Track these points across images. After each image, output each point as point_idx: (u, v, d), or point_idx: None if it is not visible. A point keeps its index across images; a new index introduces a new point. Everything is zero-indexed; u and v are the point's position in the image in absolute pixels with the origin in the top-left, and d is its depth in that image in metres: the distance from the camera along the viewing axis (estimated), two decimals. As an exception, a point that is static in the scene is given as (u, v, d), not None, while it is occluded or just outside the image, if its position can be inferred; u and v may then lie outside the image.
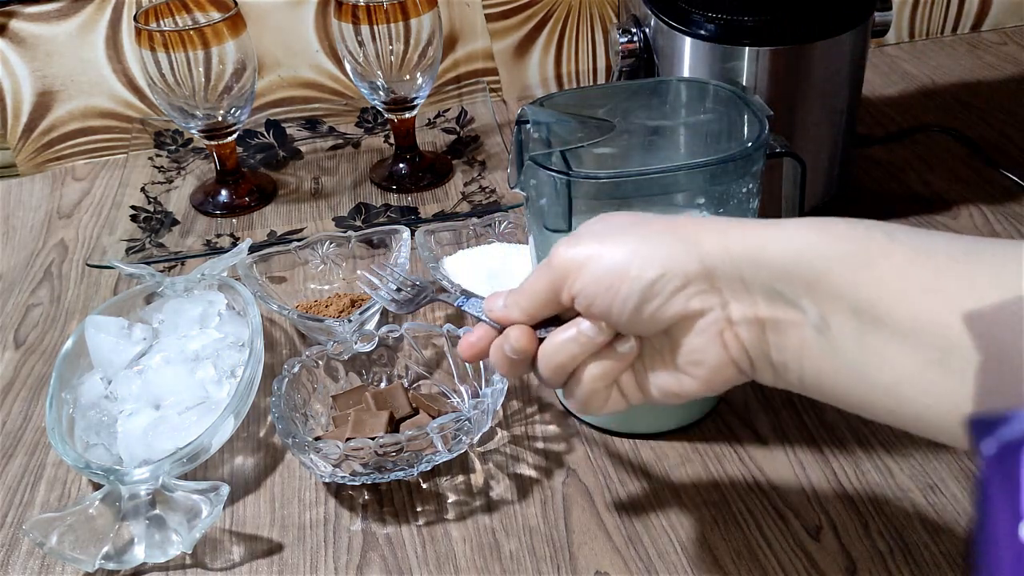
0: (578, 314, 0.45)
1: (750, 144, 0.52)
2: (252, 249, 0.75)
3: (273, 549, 0.57)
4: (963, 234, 0.78)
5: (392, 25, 0.82)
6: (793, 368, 0.41)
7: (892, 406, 0.38)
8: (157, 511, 0.55)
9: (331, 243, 0.76)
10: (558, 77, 1.09)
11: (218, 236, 0.86)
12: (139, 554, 0.55)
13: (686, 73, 0.75)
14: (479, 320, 0.49)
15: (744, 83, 0.73)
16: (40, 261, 0.86)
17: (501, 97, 1.09)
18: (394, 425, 0.61)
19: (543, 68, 1.08)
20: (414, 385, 0.66)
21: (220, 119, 0.85)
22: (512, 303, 0.47)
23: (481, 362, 0.63)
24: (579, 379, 0.46)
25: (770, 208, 0.60)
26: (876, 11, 0.75)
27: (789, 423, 0.62)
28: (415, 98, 0.88)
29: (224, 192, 0.90)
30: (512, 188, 0.55)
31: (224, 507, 0.58)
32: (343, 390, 0.64)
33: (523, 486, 0.59)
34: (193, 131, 0.86)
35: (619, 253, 0.42)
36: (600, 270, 0.43)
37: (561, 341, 0.45)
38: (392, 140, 0.94)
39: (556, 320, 0.46)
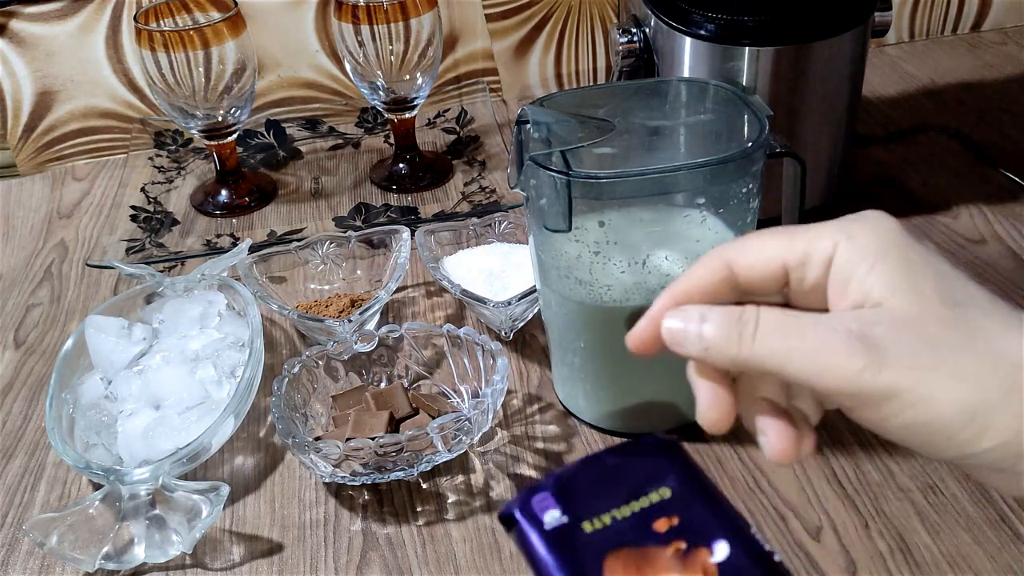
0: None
1: (750, 144, 0.52)
2: (252, 249, 0.75)
3: (273, 549, 0.57)
4: (963, 234, 0.78)
5: (392, 25, 0.82)
6: None
7: None
8: (157, 511, 0.55)
9: (331, 243, 0.76)
10: (558, 77, 1.09)
11: (218, 236, 0.86)
12: (139, 554, 0.55)
13: (686, 73, 0.75)
14: None
15: (744, 83, 0.73)
16: (40, 261, 0.86)
17: (501, 97, 1.09)
18: (394, 425, 0.61)
19: (543, 68, 1.08)
20: (414, 385, 0.66)
21: (220, 119, 0.85)
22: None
23: (481, 361, 0.63)
24: None
25: (770, 208, 0.60)
26: (876, 11, 0.75)
27: (789, 423, 0.62)
28: (415, 98, 0.88)
29: (224, 192, 0.90)
30: (512, 188, 0.55)
31: (224, 507, 0.58)
32: (343, 390, 0.64)
33: (523, 486, 0.59)
34: (193, 131, 0.86)
35: (948, 401, 0.31)
36: (919, 422, 0.31)
37: None
38: (392, 140, 0.94)
39: None
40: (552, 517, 0.32)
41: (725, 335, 0.34)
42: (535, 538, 0.31)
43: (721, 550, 0.30)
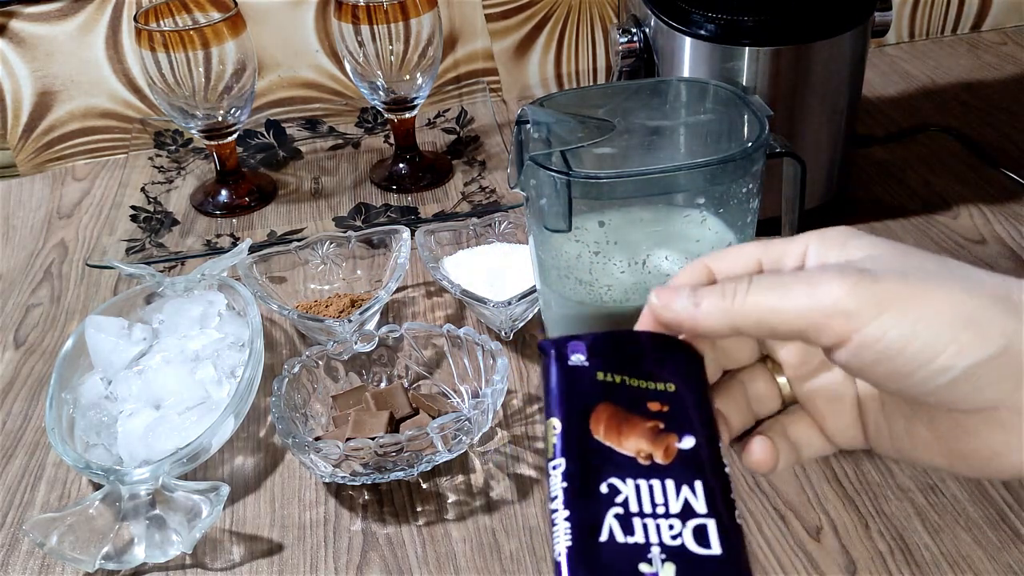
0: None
1: (750, 144, 0.52)
2: (252, 249, 0.75)
3: (273, 549, 0.57)
4: (963, 234, 0.78)
5: (392, 25, 0.82)
6: None
7: None
8: (157, 511, 0.55)
9: (331, 243, 0.76)
10: (558, 77, 1.09)
11: (218, 236, 0.86)
12: (139, 554, 0.55)
13: (686, 73, 0.75)
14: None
15: (744, 83, 0.73)
16: (40, 261, 0.86)
17: (501, 97, 1.08)
18: (394, 425, 0.61)
19: (543, 68, 1.08)
20: (414, 385, 0.66)
21: (220, 119, 0.85)
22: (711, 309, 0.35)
23: (480, 361, 0.63)
24: None
25: (770, 208, 0.60)
26: (876, 11, 0.75)
27: (789, 423, 0.61)
28: (415, 98, 0.88)
29: (224, 192, 0.90)
30: (512, 188, 0.55)
31: (224, 507, 0.58)
32: (343, 390, 0.64)
33: (523, 486, 0.59)
34: (193, 131, 0.86)
35: (946, 304, 0.32)
36: (907, 323, 0.32)
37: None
38: (392, 140, 0.94)
39: None
40: (576, 358, 0.36)
41: (719, 291, 0.35)
42: (555, 367, 0.36)
43: (688, 442, 0.34)
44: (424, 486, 0.60)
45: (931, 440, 0.36)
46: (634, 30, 0.80)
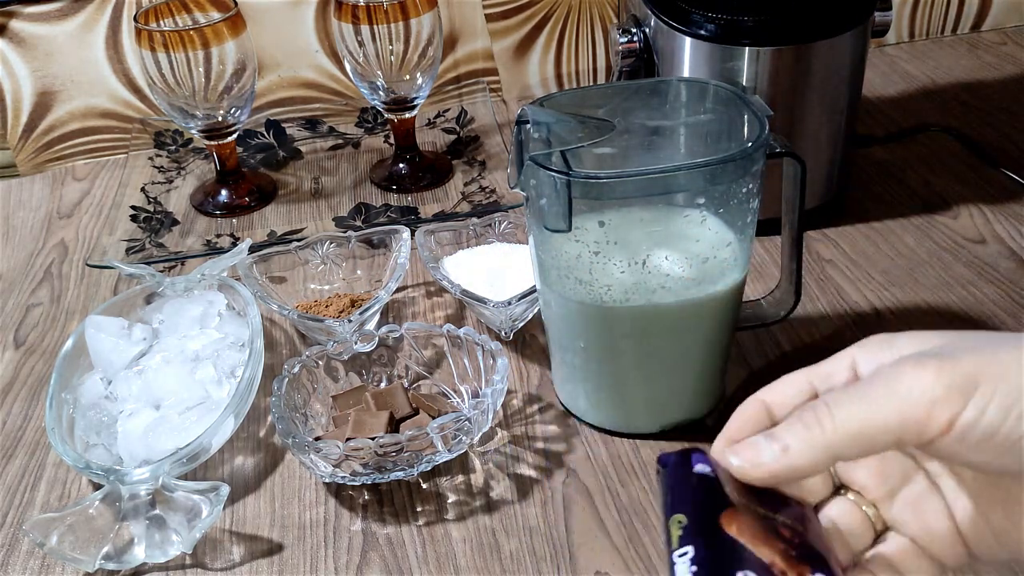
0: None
1: (750, 144, 0.52)
2: (252, 249, 0.75)
3: (273, 549, 0.57)
4: (963, 234, 0.78)
5: (392, 25, 0.82)
6: None
7: None
8: (157, 511, 0.55)
9: (331, 243, 0.76)
10: (558, 77, 1.09)
11: (218, 236, 0.86)
12: (139, 554, 0.55)
13: (686, 73, 0.75)
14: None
15: (744, 83, 0.73)
16: (40, 261, 0.86)
17: (501, 97, 1.09)
18: (394, 425, 0.61)
19: (543, 68, 1.08)
20: (414, 385, 0.66)
21: (220, 119, 0.85)
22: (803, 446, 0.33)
23: (481, 361, 0.63)
24: None
25: (770, 208, 0.60)
26: (876, 11, 0.75)
27: (789, 423, 0.61)
28: (415, 98, 0.88)
29: (224, 192, 0.90)
30: (512, 188, 0.55)
31: (224, 507, 0.58)
32: (343, 390, 0.64)
33: (523, 486, 0.59)
34: (193, 131, 0.86)
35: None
36: (1001, 394, 0.31)
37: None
38: (392, 140, 0.94)
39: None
40: (701, 468, 0.34)
41: (799, 426, 0.33)
42: (679, 471, 0.34)
43: None
44: (424, 486, 0.60)
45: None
46: (634, 30, 0.80)
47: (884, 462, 0.37)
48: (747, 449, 0.34)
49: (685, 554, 0.30)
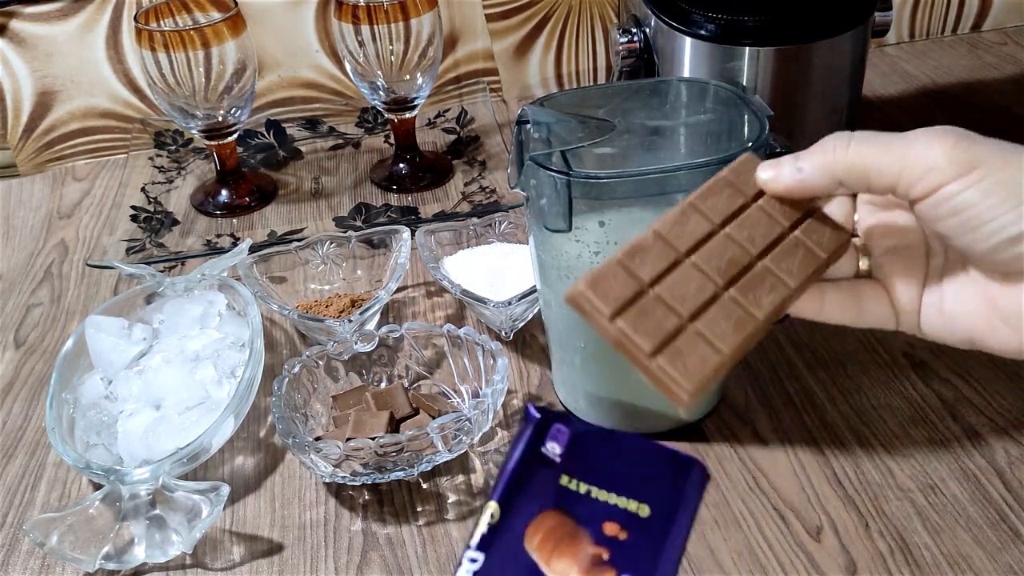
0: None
1: (750, 144, 0.52)
2: (252, 249, 0.75)
3: (273, 549, 0.57)
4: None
5: (392, 25, 0.82)
6: None
7: None
8: (157, 511, 0.55)
9: (331, 243, 0.76)
10: (558, 77, 1.09)
11: (218, 236, 0.86)
12: (139, 554, 0.55)
13: (686, 73, 0.75)
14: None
15: (744, 83, 0.73)
16: (40, 261, 0.86)
17: (501, 97, 1.09)
18: (394, 425, 0.61)
19: (543, 68, 1.08)
20: (414, 385, 0.66)
21: (220, 119, 0.85)
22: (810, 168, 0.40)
23: (481, 361, 0.63)
24: None
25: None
26: (876, 11, 0.75)
27: (789, 423, 0.62)
28: (415, 98, 0.88)
29: (224, 192, 0.91)
30: (512, 188, 0.55)
31: (224, 507, 0.58)
32: (343, 390, 0.64)
33: (523, 486, 0.59)
34: (193, 131, 0.86)
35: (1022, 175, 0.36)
36: (986, 183, 0.36)
37: None
38: (392, 140, 0.94)
39: None
40: (551, 447, 0.33)
41: (819, 150, 0.38)
42: (523, 447, 0.33)
43: None
44: (424, 486, 0.60)
45: (978, 304, 0.39)
46: (634, 30, 0.80)
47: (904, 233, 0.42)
48: (773, 167, 0.41)
49: (475, 560, 0.30)
